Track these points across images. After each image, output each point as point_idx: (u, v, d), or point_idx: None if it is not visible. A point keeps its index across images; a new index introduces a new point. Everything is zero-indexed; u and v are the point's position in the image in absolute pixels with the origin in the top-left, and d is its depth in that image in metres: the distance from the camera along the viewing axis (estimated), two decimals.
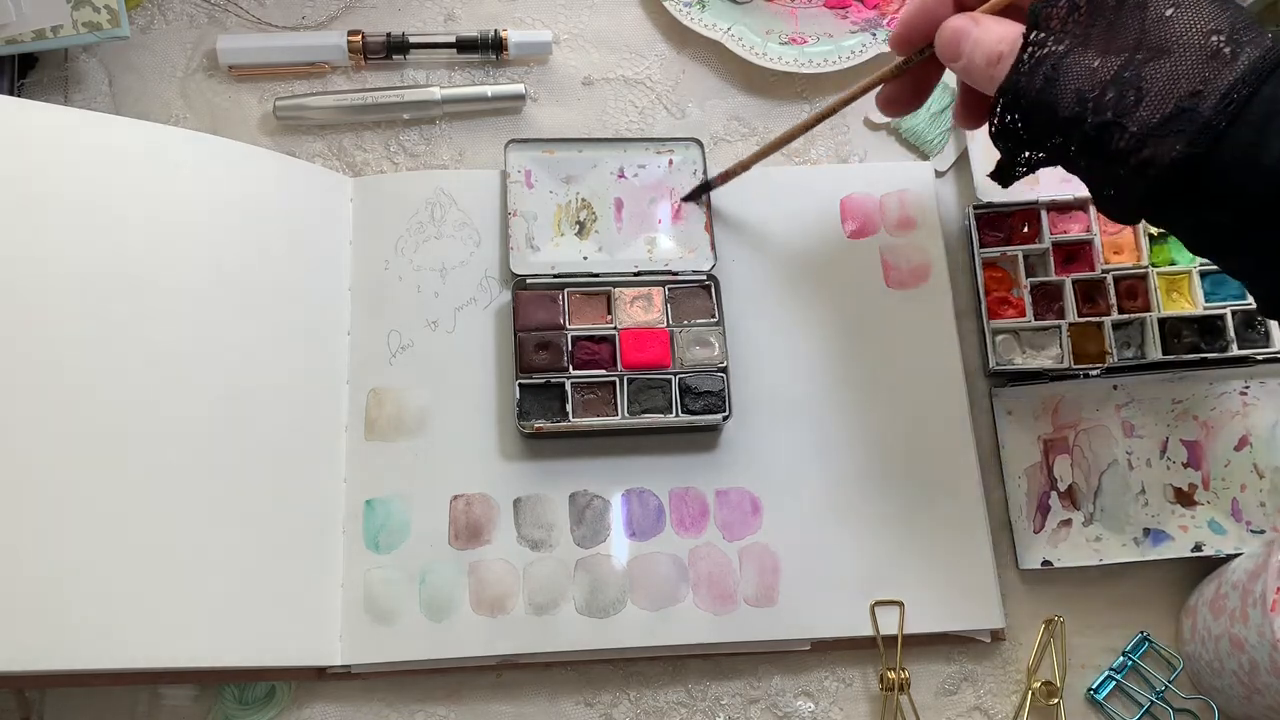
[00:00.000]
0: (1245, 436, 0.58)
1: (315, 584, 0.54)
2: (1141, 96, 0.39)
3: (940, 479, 0.57)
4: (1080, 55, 0.41)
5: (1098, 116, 0.40)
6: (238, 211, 0.56)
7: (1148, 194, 0.41)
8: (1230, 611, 0.50)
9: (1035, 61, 0.42)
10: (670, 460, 0.57)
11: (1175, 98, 0.39)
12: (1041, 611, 0.57)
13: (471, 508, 0.56)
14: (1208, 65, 0.39)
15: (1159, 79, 0.39)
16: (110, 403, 0.50)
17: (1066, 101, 0.41)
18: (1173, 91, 0.39)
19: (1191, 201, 0.40)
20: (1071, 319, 0.59)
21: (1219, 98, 0.38)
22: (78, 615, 0.47)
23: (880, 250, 0.61)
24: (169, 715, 0.54)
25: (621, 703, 0.55)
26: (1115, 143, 0.40)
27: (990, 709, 0.55)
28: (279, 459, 0.54)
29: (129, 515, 0.49)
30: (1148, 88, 0.39)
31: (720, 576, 0.55)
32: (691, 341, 0.58)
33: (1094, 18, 0.41)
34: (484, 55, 0.65)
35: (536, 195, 0.61)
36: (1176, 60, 0.39)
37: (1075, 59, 0.41)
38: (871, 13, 0.67)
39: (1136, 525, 0.57)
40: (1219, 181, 0.39)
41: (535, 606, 0.54)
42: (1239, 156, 0.38)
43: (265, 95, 0.64)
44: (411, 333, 0.58)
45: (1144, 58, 0.40)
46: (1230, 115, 0.38)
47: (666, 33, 0.67)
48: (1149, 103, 0.39)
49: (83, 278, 0.51)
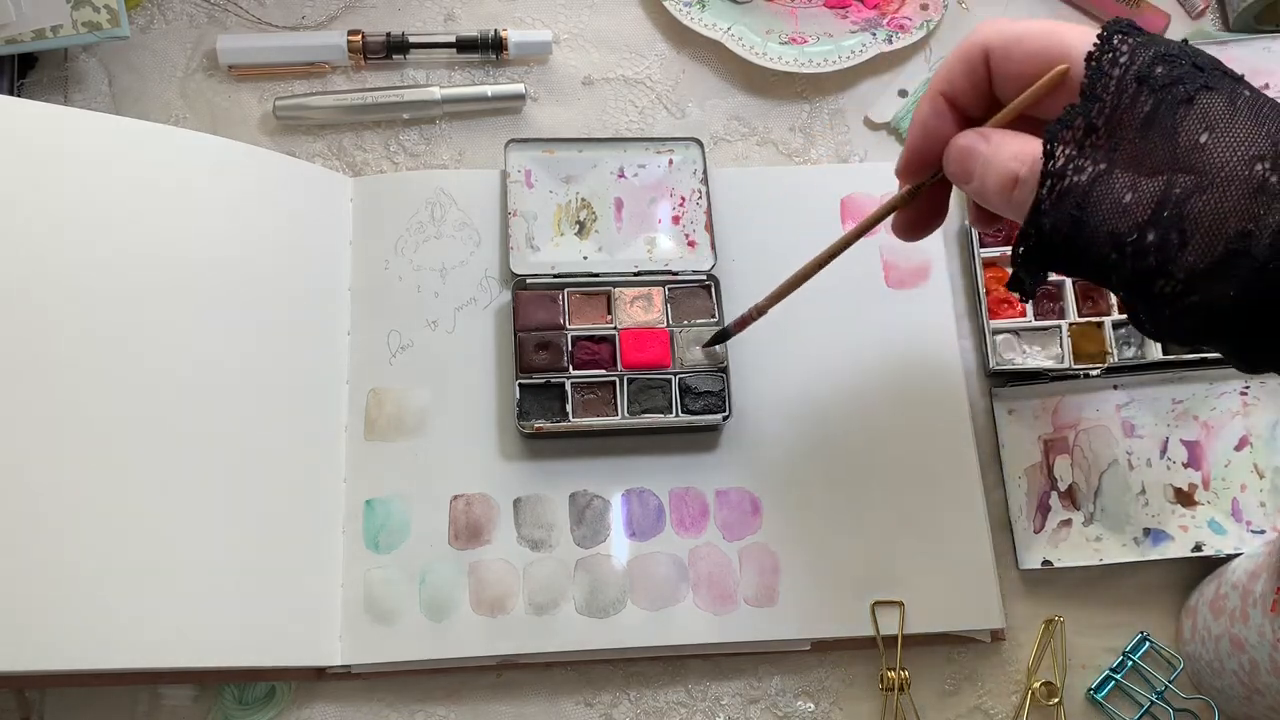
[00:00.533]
0: (1245, 436, 0.58)
1: (315, 584, 0.54)
2: (1186, 240, 0.35)
3: (940, 479, 0.57)
4: (1109, 186, 0.36)
5: (1139, 262, 0.36)
6: (238, 211, 0.56)
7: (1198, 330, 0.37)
8: (1230, 612, 0.50)
9: (1057, 196, 0.37)
10: (670, 460, 0.57)
11: (1225, 239, 0.34)
12: (1041, 611, 0.57)
13: (471, 508, 0.56)
14: (1255, 200, 0.34)
15: (1204, 218, 0.34)
16: (110, 403, 0.50)
17: (1100, 245, 0.36)
18: (1221, 232, 0.34)
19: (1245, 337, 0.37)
20: (1071, 319, 0.59)
21: (1272, 236, 0.34)
22: (78, 615, 0.47)
23: (880, 250, 0.61)
24: (169, 715, 0.54)
25: (621, 703, 0.55)
26: (1160, 288, 0.36)
27: (990, 709, 0.55)
28: (279, 459, 0.54)
29: (129, 515, 0.49)
30: (1191, 229, 0.35)
31: (720, 576, 0.55)
32: (691, 341, 0.58)
33: (1115, 139, 0.36)
34: (484, 55, 0.65)
35: (536, 195, 0.61)
36: (1220, 197, 0.34)
37: (1104, 192, 0.36)
38: (871, 13, 0.67)
39: (1136, 525, 0.57)
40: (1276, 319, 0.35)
41: (535, 606, 0.54)
42: None
43: (265, 95, 0.64)
44: (411, 333, 0.58)
45: (1183, 193, 0.35)
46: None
47: (666, 33, 0.67)
48: (1195, 247, 0.35)
49: (82, 278, 0.51)
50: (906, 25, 0.66)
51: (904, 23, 0.66)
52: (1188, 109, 0.36)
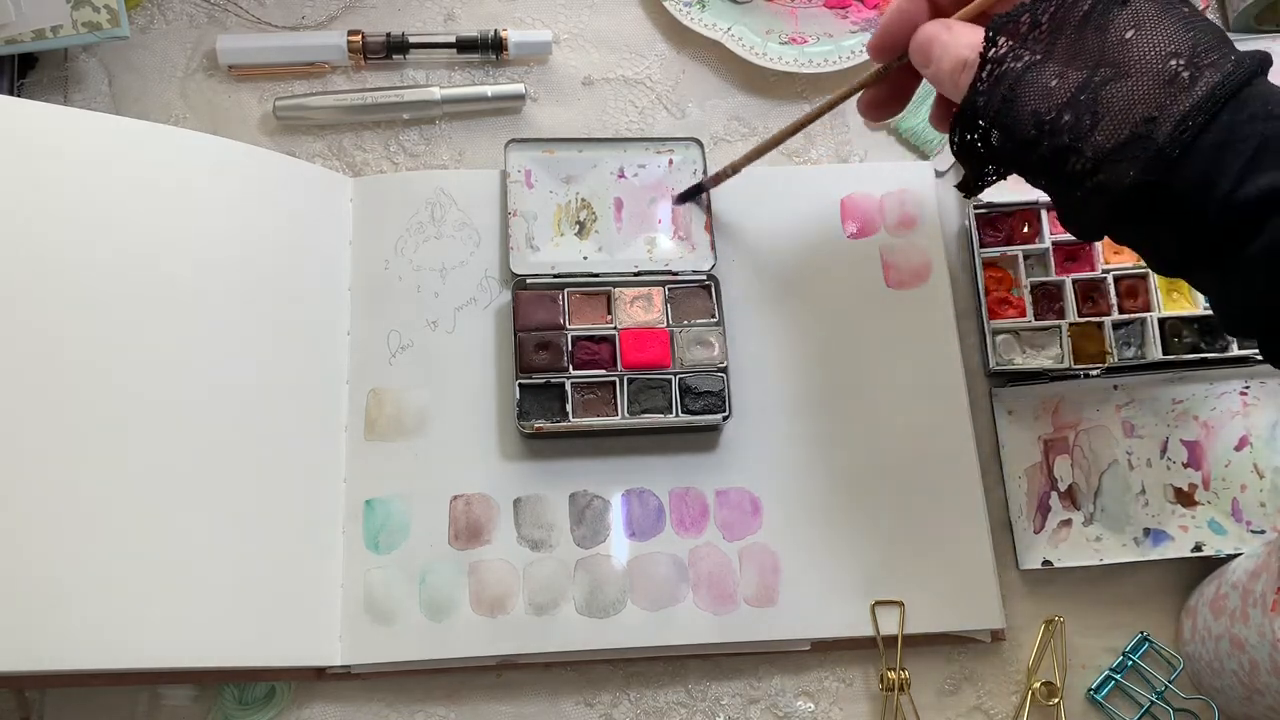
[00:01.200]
0: (1245, 436, 0.58)
1: (315, 584, 0.54)
2: (1097, 121, 0.39)
3: (940, 479, 0.57)
4: (1038, 75, 0.40)
5: (1055, 139, 0.40)
6: (238, 211, 0.56)
7: (1105, 217, 0.41)
8: (1230, 611, 0.50)
9: (994, 79, 0.41)
10: (670, 460, 0.57)
11: (1131, 123, 0.38)
12: (1041, 611, 0.57)
13: (471, 508, 0.56)
14: (1164, 91, 0.38)
15: (1115, 103, 0.38)
16: (110, 403, 0.50)
17: (1024, 123, 0.40)
18: (1128, 117, 0.38)
19: (1147, 226, 0.40)
20: (1071, 319, 0.59)
21: (1174, 125, 0.37)
22: (78, 615, 0.47)
23: (880, 250, 0.61)
24: (169, 715, 0.54)
25: (621, 703, 0.55)
26: (1071, 165, 0.40)
27: (990, 709, 0.55)
28: (279, 459, 0.54)
29: (129, 515, 0.49)
30: (1104, 112, 0.39)
31: (720, 576, 0.55)
32: (691, 341, 0.58)
33: (1055, 35, 0.41)
34: (484, 55, 0.65)
35: (536, 195, 0.61)
36: (1133, 84, 0.38)
37: (1034, 77, 0.40)
38: (872, 13, 0.67)
39: (1136, 525, 0.57)
40: (1173, 208, 0.39)
41: (535, 606, 0.54)
42: (1193, 184, 0.38)
43: (265, 95, 0.64)
44: (411, 333, 0.58)
45: (1101, 80, 0.39)
46: (1184, 143, 0.37)
47: (666, 33, 0.67)
48: (1104, 127, 0.39)
49: (82, 278, 0.51)
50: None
51: None
52: (1121, 9, 0.40)
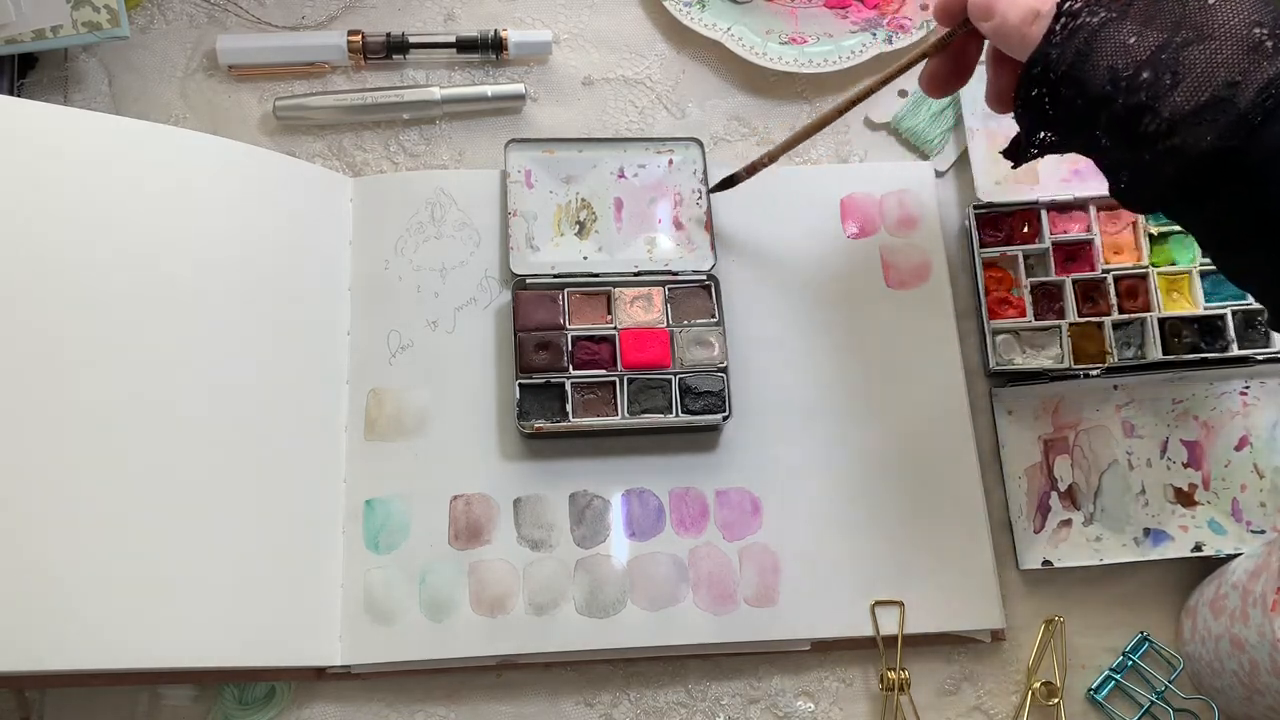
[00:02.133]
0: (1245, 436, 0.58)
1: (315, 584, 0.54)
2: (1178, 81, 0.38)
3: (940, 479, 0.57)
4: (1116, 30, 0.39)
5: (1130, 97, 0.39)
6: (238, 211, 0.56)
7: (1171, 183, 0.39)
8: (1230, 612, 0.50)
9: (1069, 33, 0.40)
10: (670, 460, 0.57)
11: (1213, 86, 0.37)
12: (1041, 611, 0.57)
13: (471, 508, 0.56)
14: (1248, 57, 0.37)
15: (1198, 64, 0.38)
16: (110, 403, 0.50)
17: (1098, 78, 0.40)
18: (1211, 79, 0.37)
19: (1216, 195, 0.39)
20: (1071, 319, 0.59)
21: (1257, 91, 0.37)
22: (78, 615, 0.47)
23: (880, 250, 0.61)
24: (169, 715, 0.54)
25: (621, 703, 0.55)
26: (1145, 126, 0.39)
27: (990, 709, 0.55)
28: (279, 459, 0.54)
29: (129, 515, 0.49)
30: (1185, 72, 0.38)
31: (720, 576, 0.55)
32: (691, 341, 0.58)
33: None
34: (484, 55, 0.65)
35: (536, 195, 0.61)
36: (1217, 47, 0.38)
37: (1111, 33, 0.39)
38: (871, 13, 0.67)
39: (1136, 525, 0.57)
40: (1247, 177, 0.38)
41: (535, 606, 0.54)
42: (1272, 153, 0.37)
43: (265, 95, 0.64)
44: (411, 333, 0.58)
45: (1182, 41, 0.38)
46: (1267, 110, 0.37)
47: (666, 33, 0.67)
48: (1185, 88, 0.38)
49: (82, 278, 0.51)
50: (906, 25, 0.66)
51: (904, 23, 0.66)
52: None
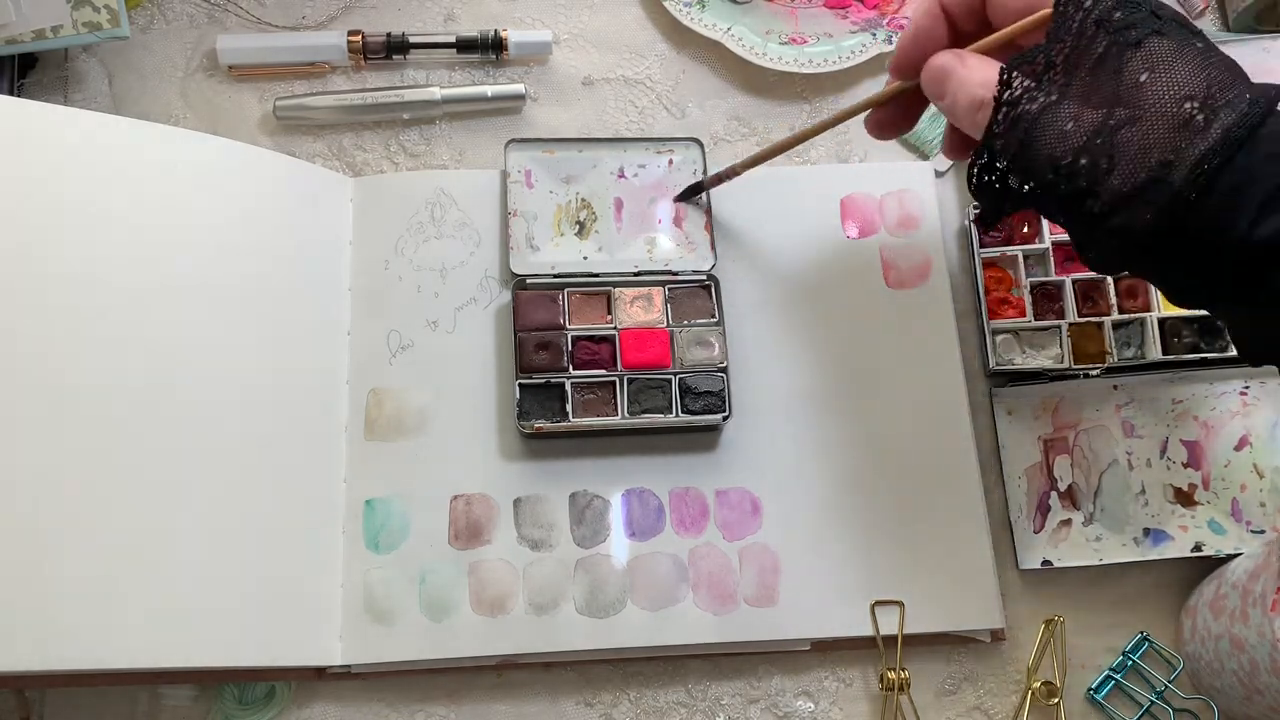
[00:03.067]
0: (1245, 436, 0.58)
1: (315, 584, 0.54)
2: (1114, 165, 0.39)
3: (940, 479, 0.57)
4: (1055, 116, 0.40)
5: (1071, 183, 0.40)
6: (238, 211, 0.56)
7: (1122, 256, 0.41)
8: (1230, 611, 0.50)
9: (1010, 123, 0.41)
10: (670, 460, 0.57)
11: (1146, 168, 0.38)
12: (1041, 611, 0.57)
13: (471, 508, 0.56)
14: (1179, 134, 0.38)
15: (1131, 147, 0.38)
16: (110, 402, 0.50)
17: (1041, 167, 0.40)
18: (1144, 161, 0.38)
19: (1166, 265, 0.40)
20: (1071, 319, 0.59)
21: (1189, 169, 0.37)
22: (78, 615, 0.47)
23: (880, 250, 0.61)
24: (169, 715, 0.54)
25: (621, 703, 0.55)
26: (1089, 208, 0.40)
27: (990, 709, 0.55)
28: (279, 459, 0.54)
29: (129, 515, 0.49)
30: (1119, 155, 0.39)
31: (720, 576, 0.55)
32: (691, 341, 0.58)
33: (1070, 75, 0.41)
34: (484, 55, 0.65)
35: (536, 195, 0.61)
36: (1148, 128, 0.38)
37: (1050, 120, 0.40)
38: (871, 13, 0.67)
39: (1136, 525, 0.57)
40: (1190, 249, 0.39)
41: (535, 606, 0.54)
42: (1210, 227, 0.38)
43: (265, 95, 0.64)
44: (411, 333, 0.58)
45: (1116, 124, 0.39)
46: (1200, 187, 0.37)
47: (666, 33, 0.67)
48: (1120, 172, 0.39)
49: (82, 278, 0.51)
50: (906, 26, 0.66)
51: (904, 23, 0.66)
52: (1135, 51, 0.40)
